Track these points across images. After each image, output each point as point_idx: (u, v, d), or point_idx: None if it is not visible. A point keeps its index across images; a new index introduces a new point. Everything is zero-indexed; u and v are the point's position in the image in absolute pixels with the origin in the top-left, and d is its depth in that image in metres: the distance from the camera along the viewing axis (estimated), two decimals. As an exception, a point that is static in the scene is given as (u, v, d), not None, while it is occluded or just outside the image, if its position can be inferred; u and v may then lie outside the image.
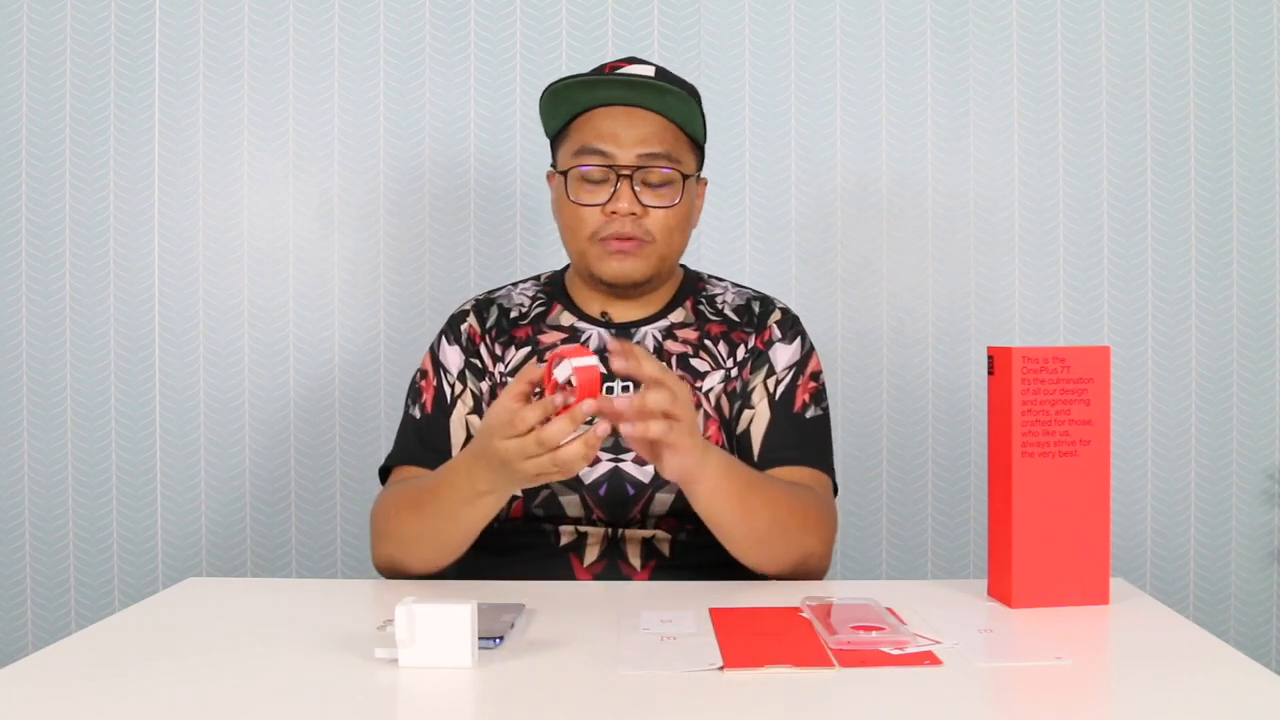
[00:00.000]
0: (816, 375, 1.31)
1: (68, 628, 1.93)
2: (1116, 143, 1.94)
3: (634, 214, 1.23)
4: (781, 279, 1.94)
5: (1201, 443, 1.95)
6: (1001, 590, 1.03)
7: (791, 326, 1.33)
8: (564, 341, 1.29)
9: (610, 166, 1.23)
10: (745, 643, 0.90)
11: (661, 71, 1.28)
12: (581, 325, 1.30)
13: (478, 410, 1.26)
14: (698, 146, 1.31)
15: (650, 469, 1.21)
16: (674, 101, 1.24)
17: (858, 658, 0.85)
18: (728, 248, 1.94)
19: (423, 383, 1.32)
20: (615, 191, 1.23)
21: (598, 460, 1.22)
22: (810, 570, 1.18)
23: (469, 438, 1.24)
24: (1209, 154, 1.94)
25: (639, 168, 1.23)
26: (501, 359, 1.30)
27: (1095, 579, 1.02)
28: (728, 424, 1.27)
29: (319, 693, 0.82)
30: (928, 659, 0.85)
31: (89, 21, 1.92)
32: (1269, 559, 1.96)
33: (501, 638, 0.89)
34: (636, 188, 1.23)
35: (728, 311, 1.34)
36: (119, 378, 1.94)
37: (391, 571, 1.20)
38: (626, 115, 1.24)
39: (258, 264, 1.94)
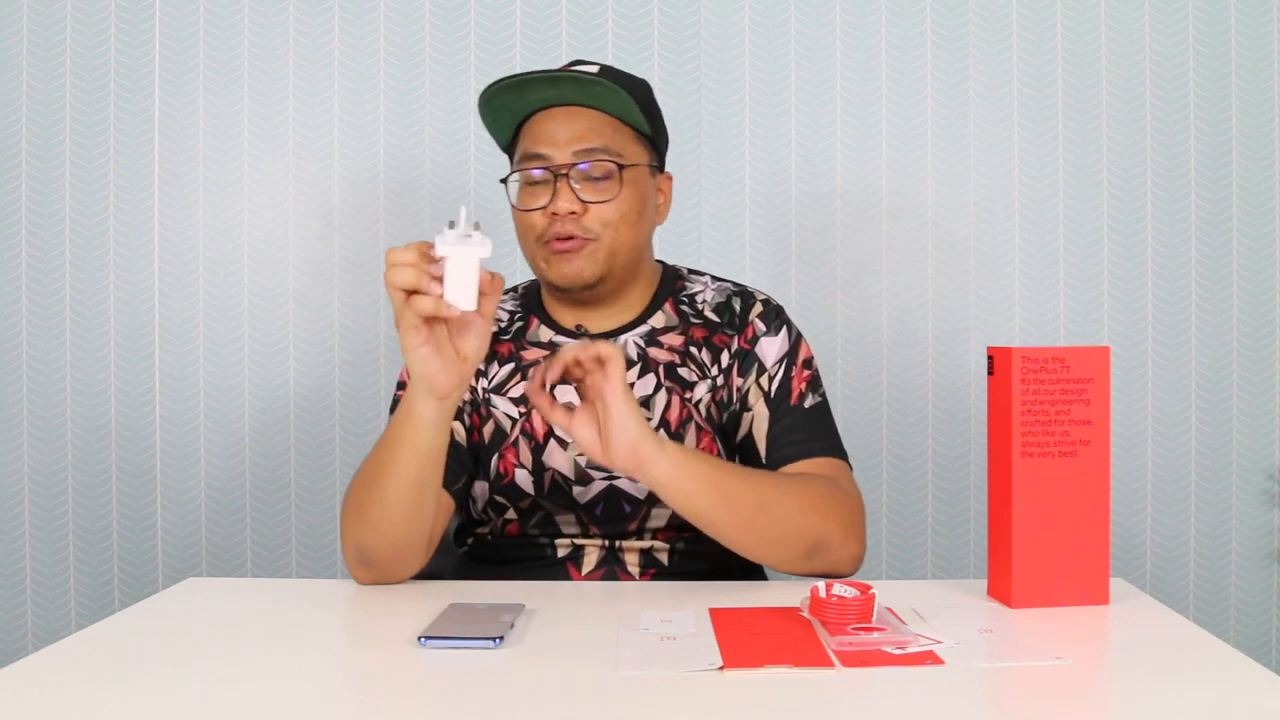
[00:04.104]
0: (809, 362, 1.28)
1: (68, 628, 1.93)
2: (1116, 143, 1.94)
3: (574, 212, 1.20)
4: (781, 279, 1.94)
5: (1201, 443, 1.95)
6: (1001, 590, 1.03)
7: (775, 317, 1.29)
8: (546, 359, 1.28)
9: (547, 168, 1.21)
10: (745, 643, 0.90)
11: (606, 70, 1.25)
12: (560, 340, 1.28)
13: (459, 418, 1.25)
14: (647, 139, 1.27)
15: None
16: (602, 93, 1.21)
17: (859, 658, 0.85)
18: (728, 248, 1.94)
19: (400, 393, 1.27)
20: (555, 192, 1.20)
21: (591, 479, 1.21)
22: (834, 561, 1.14)
23: (452, 441, 1.24)
24: (1209, 154, 1.94)
25: (575, 165, 1.20)
26: (484, 373, 1.28)
27: (1095, 579, 1.02)
28: (721, 431, 1.25)
29: (320, 692, 0.82)
30: (930, 659, 0.85)
31: (89, 21, 1.92)
32: (1269, 559, 1.96)
33: (501, 638, 0.89)
34: (576, 185, 1.21)
35: (708, 312, 1.30)
36: (119, 377, 1.94)
37: (359, 560, 1.11)
38: (563, 115, 1.22)
39: (258, 264, 1.94)
